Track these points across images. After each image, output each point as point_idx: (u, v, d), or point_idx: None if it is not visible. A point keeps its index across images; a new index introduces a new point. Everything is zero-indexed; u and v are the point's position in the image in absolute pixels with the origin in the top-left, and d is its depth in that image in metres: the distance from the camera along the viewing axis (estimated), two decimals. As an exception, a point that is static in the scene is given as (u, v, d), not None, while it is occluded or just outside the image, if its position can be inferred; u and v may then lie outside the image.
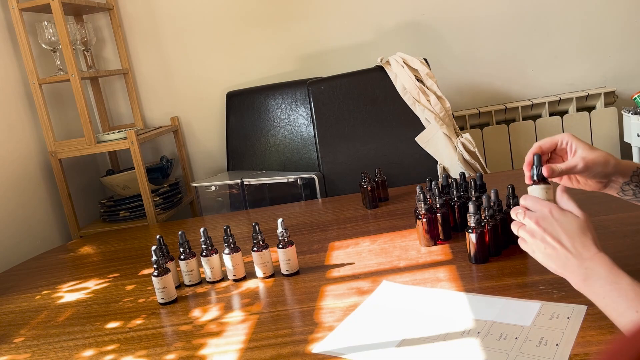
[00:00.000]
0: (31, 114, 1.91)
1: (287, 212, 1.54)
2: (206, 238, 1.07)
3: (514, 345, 0.69)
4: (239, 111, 2.08)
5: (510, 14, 2.08)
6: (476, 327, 0.74)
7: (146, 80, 2.25)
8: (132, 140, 1.82)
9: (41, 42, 1.87)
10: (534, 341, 0.69)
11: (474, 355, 0.68)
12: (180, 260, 1.08)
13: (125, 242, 1.54)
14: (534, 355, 0.66)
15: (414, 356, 0.70)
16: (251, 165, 2.04)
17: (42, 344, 0.95)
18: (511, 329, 0.72)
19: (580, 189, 0.83)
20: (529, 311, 0.76)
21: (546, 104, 2.06)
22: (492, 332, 0.72)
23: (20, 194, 1.80)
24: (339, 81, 1.82)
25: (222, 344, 0.84)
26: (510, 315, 0.76)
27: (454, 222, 1.10)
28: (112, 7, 2.13)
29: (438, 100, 1.74)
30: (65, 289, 1.22)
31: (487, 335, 0.72)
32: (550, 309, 0.76)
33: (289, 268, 1.05)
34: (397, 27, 2.12)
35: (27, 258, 1.60)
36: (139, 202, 1.93)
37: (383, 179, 1.44)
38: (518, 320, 0.74)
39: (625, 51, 2.08)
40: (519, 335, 0.71)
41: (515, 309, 0.77)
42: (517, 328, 0.72)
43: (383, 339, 0.76)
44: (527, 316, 0.75)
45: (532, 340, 0.69)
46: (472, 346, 0.70)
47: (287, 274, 1.05)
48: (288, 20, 2.15)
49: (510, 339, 0.70)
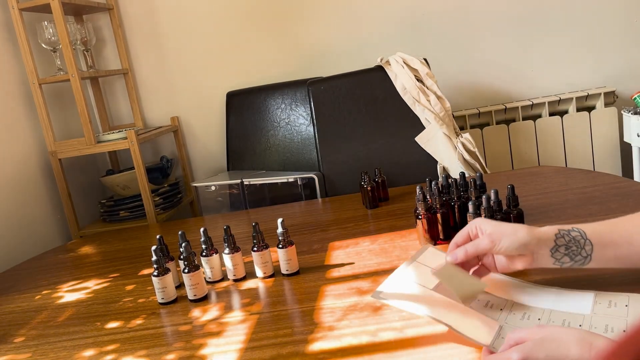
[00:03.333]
0: (31, 114, 1.91)
1: (287, 212, 1.54)
2: (206, 238, 1.07)
3: None
4: (239, 111, 2.08)
5: (510, 13, 2.08)
6: (535, 313, 0.73)
7: (146, 80, 2.25)
8: (132, 140, 1.82)
9: (41, 42, 1.87)
10: (599, 328, 0.68)
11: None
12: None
13: (125, 242, 1.54)
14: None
15: (474, 325, 0.69)
16: (251, 165, 2.04)
17: (42, 344, 0.95)
18: (572, 317, 0.71)
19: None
20: (585, 300, 0.75)
21: (546, 104, 2.06)
22: (554, 320, 0.71)
23: (20, 194, 1.80)
24: (339, 81, 1.82)
25: (222, 344, 0.84)
26: (567, 304, 0.74)
27: (454, 222, 1.10)
28: (112, 7, 2.13)
29: (438, 100, 1.74)
30: (65, 289, 1.22)
31: (549, 322, 0.71)
32: (606, 298, 0.74)
33: (289, 268, 1.05)
34: (397, 27, 2.12)
35: (27, 258, 1.60)
36: (139, 202, 1.93)
37: (383, 179, 1.44)
38: (577, 309, 0.73)
39: (625, 51, 2.08)
40: (582, 323, 0.69)
41: (570, 298, 0.76)
42: (578, 316, 0.71)
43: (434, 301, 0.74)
44: (585, 305, 0.73)
45: (597, 328, 0.68)
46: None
47: (287, 274, 1.05)
48: (288, 20, 2.15)
49: (574, 326, 0.69)
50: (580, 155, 2.07)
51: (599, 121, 2.04)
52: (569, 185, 1.30)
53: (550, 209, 1.14)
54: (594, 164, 2.07)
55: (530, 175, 1.44)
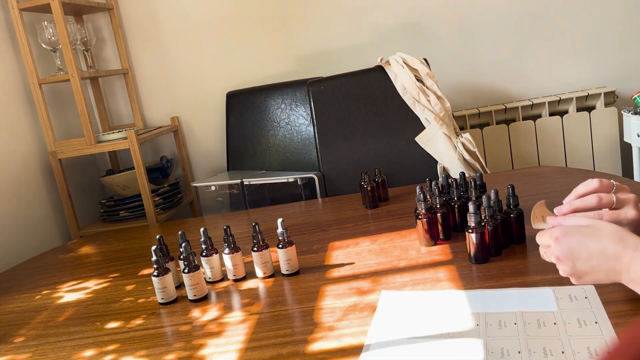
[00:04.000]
0: (31, 114, 1.91)
1: (287, 212, 1.54)
2: (206, 238, 1.07)
3: (558, 330, 0.69)
4: (239, 111, 2.08)
5: (510, 14, 2.08)
6: (508, 319, 0.74)
7: (146, 80, 2.25)
8: (132, 140, 1.82)
9: (41, 42, 1.87)
10: (573, 323, 0.69)
11: (528, 345, 0.67)
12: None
13: (125, 242, 1.54)
14: (583, 336, 0.66)
15: (460, 349, 0.70)
16: (251, 165, 2.04)
17: (42, 344, 0.95)
18: (543, 316, 0.72)
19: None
20: (547, 297, 0.76)
21: (546, 104, 2.06)
22: (529, 322, 0.72)
23: (20, 194, 1.80)
24: (339, 81, 1.82)
25: (222, 344, 0.84)
26: (532, 304, 0.75)
27: (454, 222, 1.10)
28: (112, 7, 2.13)
29: (438, 100, 1.74)
30: (65, 289, 1.22)
31: (526, 325, 0.71)
32: (564, 292, 0.76)
33: (289, 268, 1.05)
34: (397, 27, 2.12)
35: (27, 258, 1.60)
36: (139, 202, 1.93)
37: (383, 179, 1.44)
38: (543, 307, 0.74)
39: (625, 51, 2.08)
40: (556, 320, 0.71)
41: (532, 297, 0.77)
42: (548, 314, 0.72)
43: (422, 339, 0.74)
44: (549, 302, 0.75)
45: (571, 323, 0.69)
46: (518, 337, 0.69)
47: (287, 274, 1.05)
48: (288, 20, 2.15)
49: (550, 324, 0.70)
50: (580, 155, 2.07)
51: (599, 121, 2.04)
52: (569, 185, 1.29)
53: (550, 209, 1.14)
54: (594, 164, 2.07)
55: (530, 175, 1.44)
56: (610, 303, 0.73)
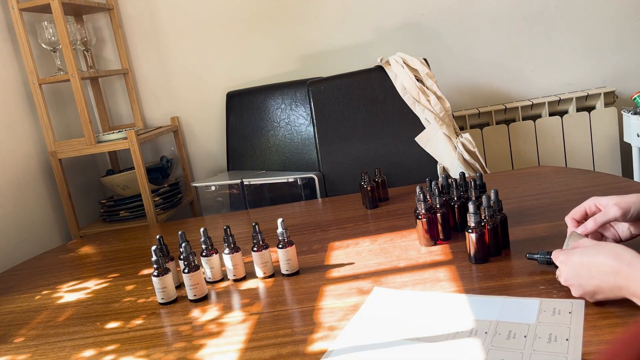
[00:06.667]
0: (31, 114, 1.91)
1: (287, 212, 1.54)
2: (206, 238, 1.07)
3: (525, 343, 0.69)
4: (239, 111, 2.08)
5: (510, 14, 2.08)
6: (482, 327, 0.74)
7: (146, 80, 2.25)
8: (132, 140, 1.82)
9: (41, 42, 1.87)
10: (543, 338, 0.69)
11: (488, 355, 0.68)
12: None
13: (125, 242, 1.54)
14: (547, 352, 0.66)
15: (424, 357, 0.70)
16: (251, 165, 2.04)
17: (42, 344, 0.95)
18: (518, 327, 0.72)
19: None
20: (530, 308, 0.76)
21: (546, 104, 2.06)
22: (500, 332, 0.72)
23: (20, 194, 1.80)
24: (339, 81, 1.82)
25: (222, 344, 0.84)
26: (513, 314, 0.76)
27: (454, 222, 1.10)
28: (112, 7, 2.13)
29: (438, 100, 1.74)
30: (65, 289, 1.22)
31: (496, 335, 0.72)
32: (550, 305, 0.76)
33: (289, 268, 1.05)
34: (397, 27, 2.12)
35: (27, 258, 1.60)
36: (139, 202, 1.93)
37: (383, 179, 1.44)
38: (522, 318, 0.74)
39: (625, 51, 2.08)
40: (527, 333, 0.71)
41: (516, 307, 0.77)
42: (523, 326, 0.72)
43: (387, 345, 0.75)
44: (530, 314, 0.75)
45: (542, 338, 0.69)
46: (482, 346, 0.70)
47: (287, 274, 1.05)
48: (288, 20, 2.15)
49: (520, 337, 0.70)
50: (580, 155, 2.07)
51: (599, 121, 2.04)
52: (569, 185, 1.30)
53: (550, 209, 1.14)
54: (594, 164, 2.07)
55: (530, 175, 1.44)
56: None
